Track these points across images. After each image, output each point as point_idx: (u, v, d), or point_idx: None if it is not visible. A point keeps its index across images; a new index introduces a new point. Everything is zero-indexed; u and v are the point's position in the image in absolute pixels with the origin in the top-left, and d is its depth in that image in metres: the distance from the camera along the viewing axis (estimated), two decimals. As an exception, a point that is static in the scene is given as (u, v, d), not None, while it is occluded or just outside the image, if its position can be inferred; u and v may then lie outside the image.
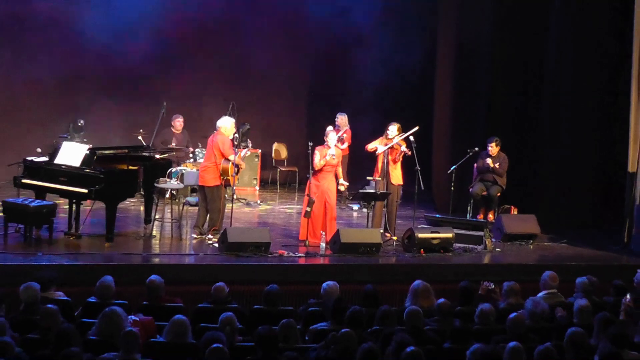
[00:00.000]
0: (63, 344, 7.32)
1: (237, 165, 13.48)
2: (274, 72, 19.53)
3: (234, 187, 14.06)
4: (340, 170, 14.08)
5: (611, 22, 16.06)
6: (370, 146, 14.33)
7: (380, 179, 14.30)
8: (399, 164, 14.32)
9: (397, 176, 14.33)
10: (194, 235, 13.56)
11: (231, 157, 13.41)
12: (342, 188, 14.31)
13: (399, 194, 14.53)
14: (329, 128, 14.48)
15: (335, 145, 13.91)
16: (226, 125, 13.62)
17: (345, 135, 17.09)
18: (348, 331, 8.00)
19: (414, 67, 19.03)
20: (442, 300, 9.43)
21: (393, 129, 14.24)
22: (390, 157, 14.19)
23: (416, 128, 14.32)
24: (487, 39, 17.06)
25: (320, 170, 13.73)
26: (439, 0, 17.99)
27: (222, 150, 13.40)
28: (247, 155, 14.33)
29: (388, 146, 14.13)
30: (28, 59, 17.94)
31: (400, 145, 14.17)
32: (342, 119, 17.26)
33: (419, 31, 18.99)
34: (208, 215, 13.66)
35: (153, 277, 9.88)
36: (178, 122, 17.10)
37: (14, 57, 17.88)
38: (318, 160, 13.68)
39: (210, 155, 13.54)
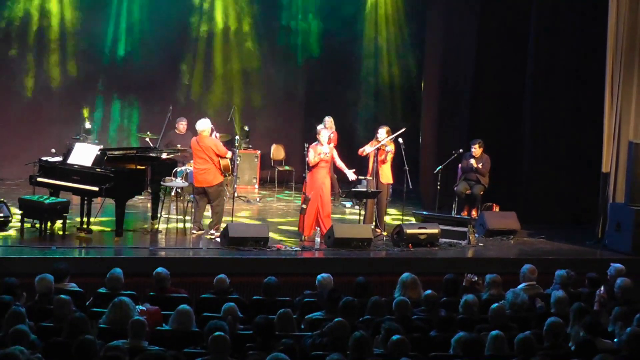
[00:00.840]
0: (76, 332, 7.31)
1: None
2: (273, 79, 19.49)
3: (235, 185, 14.01)
4: (341, 163, 14.07)
5: (588, 28, 16.06)
6: (361, 150, 14.36)
7: (370, 178, 14.31)
8: (388, 164, 14.30)
9: (386, 175, 14.32)
10: (194, 232, 13.53)
11: (228, 155, 13.45)
12: (353, 177, 14.21)
13: (388, 192, 14.53)
14: (320, 126, 14.44)
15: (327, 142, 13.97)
16: (207, 127, 13.56)
17: (332, 135, 16.90)
18: (341, 320, 8.00)
19: (404, 75, 19.03)
20: (429, 291, 9.43)
21: (382, 132, 14.24)
22: (379, 158, 14.21)
23: (403, 129, 14.33)
24: (472, 48, 17.02)
25: (316, 166, 13.72)
26: (427, 10, 17.96)
27: (218, 151, 13.36)
28: (218, 137, 14.25)
29: (374, 147, 14.14)
30: (46, 66, 17.93)
31: (386, 146, 14.16)
32: (329, 121, 17.18)
33: (409, 41, 18.99)
34: (211, 211, 13.64)
35: (159, 269, 9.86)
36: (182, 125, 17.03)
37: (35, 64, 17.86)
38: (312, 157, 13.68)
39: (205, 158, 13.39)
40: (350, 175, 14.15)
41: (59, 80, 18.06)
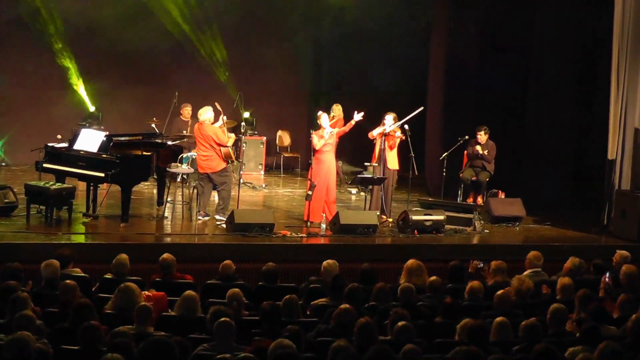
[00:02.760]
0: (81, 318, 7.30)
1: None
2: (279, 65, 19.47)
3: (241, 172, 13.99)
4: (347, 126, 14.05)
5: (594, 15, 16.04)
6: (370, 133, 14.30)
7: (375, 164, 14.28)
8: (395, 150, 14.27)
9: (392, 161, 14.29)
10: (200, 217, 13.54)
11: (229, 143, 13.47)
12: (359, 117, 14.03)
13: (394, 179, 14.50)
14: (319, 112, 14.34)
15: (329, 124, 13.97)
16: (210, 116, 13.58)
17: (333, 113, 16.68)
18: (346, 306, 8.01)
19: (409, 61, 18.99)
20: (433, 277, 9.44)
21: (389, 118, 14.18)
22: (387, 144, 14.17)
23: (421, 108, 14.17)
24: (476, 36, 17.00)
25: (321, 151, 13.70)
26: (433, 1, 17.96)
27: (219, 140, 13.38)
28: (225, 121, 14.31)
29: (379, 130, 14.07)
30: (51, 51, 17.94)
31: (395, 132, 14.12)
32: (336, 109, 17.10)
33: (415, 27, 18.94)
34: (218, 195, 13.68)
35: (166, 254, 9.87)
36: (186, 111, 17.04)
37: (40, 50, 17.85)
38: (317, 141, 13.67)
39: (207, 146, 13.44)
40: (357, 116, 14.04)
41: (66, 68, 18.08)
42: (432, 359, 7.28)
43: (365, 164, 14.77)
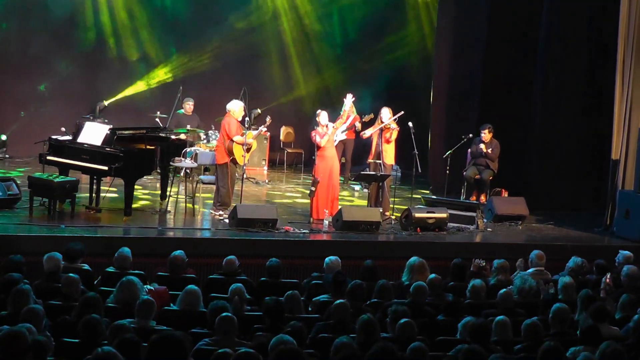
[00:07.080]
0: (88, 311, 7.28)
1: (245, 144, 13.45)
2: (283, 61, 19.46)
3: (244, 167, 14.01)
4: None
5: (600, 14, 16.03)
6: (362, 133, 14.34)
7: (373, 161, 14.24)
8: (392, 145, 14.23)
9: (390, 156, 14.24)
10: (211, 211, 13.62)
11: (235, 138, 13.42)
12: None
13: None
14: (318, 111, 14.31)
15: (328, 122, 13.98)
16: (234, 108, 13.63)
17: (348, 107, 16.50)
18: (342, 302, 8.01)
19: (414, 59, 19.00)
20: (432, 275, 9.43)
21: (386, 112, 14.15)
22: (385, 137, 14.12)
23: (401, 113, 14.20)
24: (482, 33, 16.97)
25: (324, 148, 13.66)
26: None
27: (227, 131, 13.41)
28: (262, 132, 14.37)
29: (377, 127, 14.07)
30: (56, 46, 17.94)
31: (389, 125, 14.08)
32: (347, 103, 17.01)
33: (420, 25, 18.94)
34: (215, 191, 13.73)
35: (177, 252, 9.81)
36: (188, 105, 17.03)
37: (44, 44, 17.85)
38: (320, 138, 13.64)
39: (220, 136, 13.62)
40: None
41: (70, 62, 18.08)
42: (434, 357, 7.27)
43: (369, 161, 14.75)
